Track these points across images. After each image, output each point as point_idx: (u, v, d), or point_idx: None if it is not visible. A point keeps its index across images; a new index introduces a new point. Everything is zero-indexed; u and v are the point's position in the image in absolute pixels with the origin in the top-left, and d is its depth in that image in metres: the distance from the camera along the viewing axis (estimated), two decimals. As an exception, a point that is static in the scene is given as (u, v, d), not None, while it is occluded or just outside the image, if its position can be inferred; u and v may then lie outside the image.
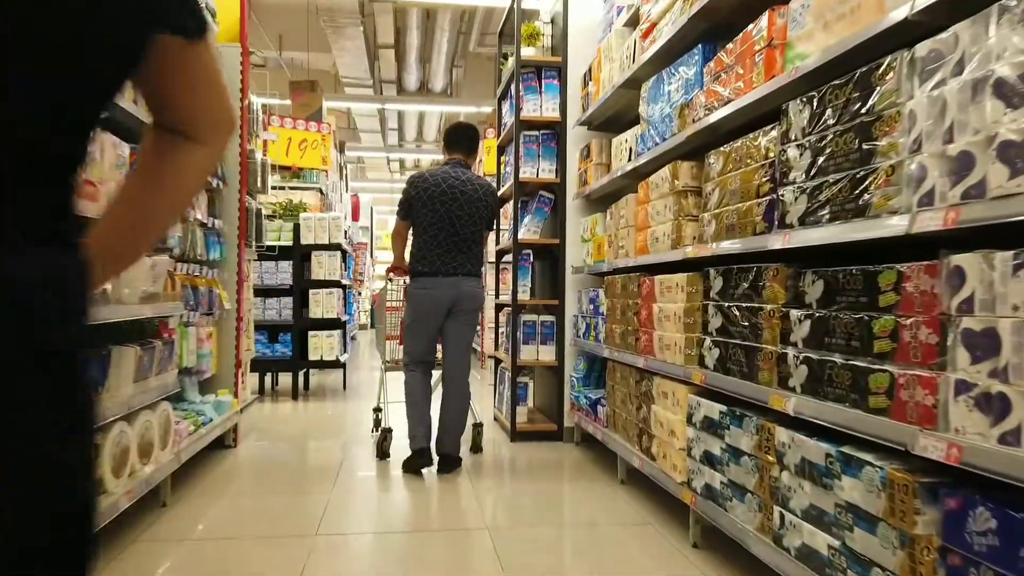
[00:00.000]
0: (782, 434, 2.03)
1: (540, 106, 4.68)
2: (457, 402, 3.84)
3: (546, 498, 3.40)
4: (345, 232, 7.63)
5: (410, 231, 3.93)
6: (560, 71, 4.67)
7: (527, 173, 4.68)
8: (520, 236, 4.68)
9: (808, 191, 1.94)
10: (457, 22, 10.82)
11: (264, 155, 4.91)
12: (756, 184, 2.27)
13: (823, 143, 1.89)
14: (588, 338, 4.22)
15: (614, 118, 4.30)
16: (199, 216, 3.75)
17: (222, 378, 4.36)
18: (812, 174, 1.94)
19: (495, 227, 4.04)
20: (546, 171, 4.71)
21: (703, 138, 2.78)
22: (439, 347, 3.94)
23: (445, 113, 14.22)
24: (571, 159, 4.63)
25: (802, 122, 1.99)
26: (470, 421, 4.19)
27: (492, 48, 10.46)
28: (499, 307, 5.43)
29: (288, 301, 6.41)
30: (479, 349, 9.73)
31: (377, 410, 4.99)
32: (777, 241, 2.07)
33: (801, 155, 1.99)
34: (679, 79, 2.98)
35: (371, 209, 16.94)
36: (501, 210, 5.68)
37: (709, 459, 2.49)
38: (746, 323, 2.26)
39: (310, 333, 6.42)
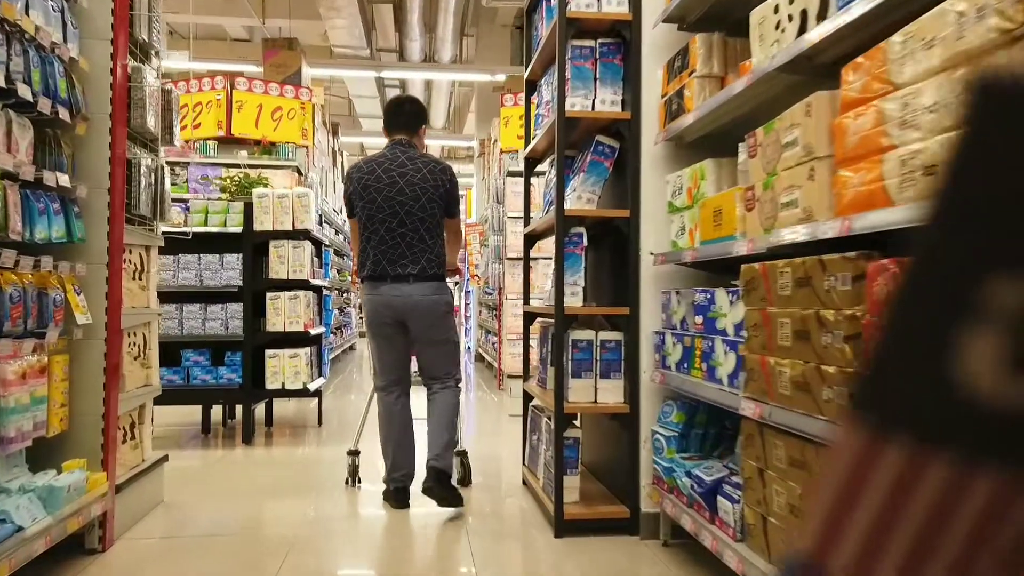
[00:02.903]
0: None
1: (598, -1, 2.94)
2: (448, 421, 3.27)
3: None
4: (320, 216, 5.93)
5: None
6: (629, -58, 2.93)
7: (577, 106, 2.94)
8: (567, 207, 2.94)
9: None
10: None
11: (164, 82, 3.19)
12: None
13: None
14: (689, 371, 2.47)
15: (726, 6, 2.55)
16: (-16, 155, 2.04)
17: (78, 439, 2.64)
18: None
19: (457, 212, 3.36)
20: (608, 102, 2.96)
21: None
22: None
23: (456, 86, 12.51)
24: (649, 81, 2.88)
25: None
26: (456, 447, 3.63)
27: (508, 2, 8.73)
28: (530, 317, 3.70)
29: (237, 308, 4.69)
30: (495, 365, 7.98)
31: (355, 453, 3.63)
32: None
33: None
34: None
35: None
36: (542, 172, 3.95)
37: None
38: None
39: (267, 352, 4.70)
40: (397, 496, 3.21)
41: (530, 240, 3.73)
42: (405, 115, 3.32)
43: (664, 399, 2.80)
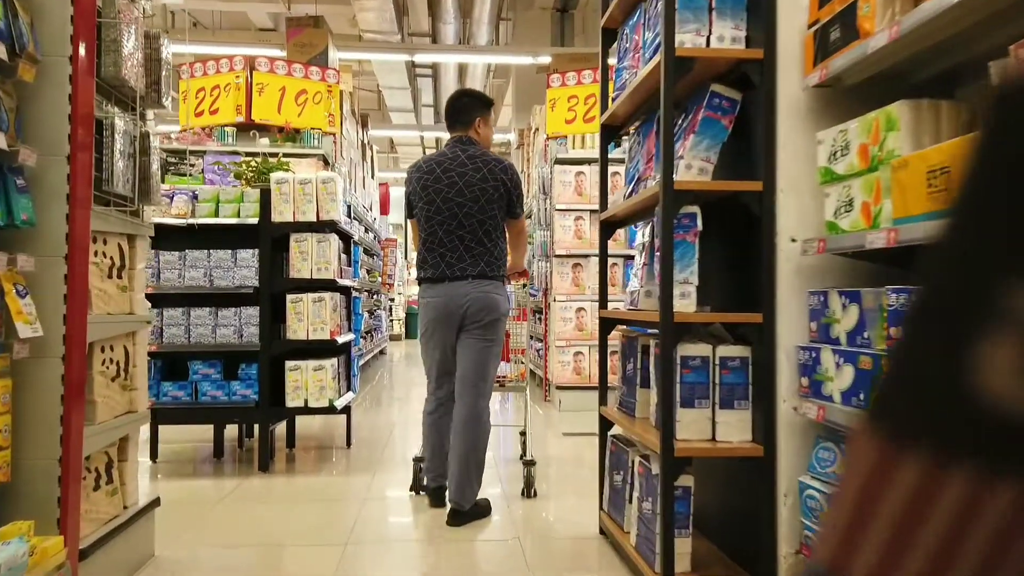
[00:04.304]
0: None
1: (714, -98, 2.19)
2: (465, 434, 3.05)
3: None
4: (348, 209, 5.26)
5: None
6: None
7: (687, 44, 2.21)
8: (677, 177, 2.20)
9: None
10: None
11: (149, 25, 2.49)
12: None
13: None
14: (868, 404, 1.72)
15: None
16: None
17: (26, 493, 1.97)
18: None
19: (520, 212, 3.20)
20: (727, 39, 2.22)
21: None
22: None
23: (490, 77, 11.81)
24: (786, 6, 2.14)
25: None
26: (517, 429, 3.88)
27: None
28: (606, 323, 2.97)
29: (253, 313, 4.02)
30: (539, 374, 7.25)
31: (418, 457, 3.53)
32: None
33: None
34: None
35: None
36: (637, 140, 3.21)
37: None
38: None
39: (288, 364, 4.02)
40: (435, 496, 3.26)
41: (607, 228, 3.00)
42: (457, 110, 3.23)
43: (815, 438, 2.05)
